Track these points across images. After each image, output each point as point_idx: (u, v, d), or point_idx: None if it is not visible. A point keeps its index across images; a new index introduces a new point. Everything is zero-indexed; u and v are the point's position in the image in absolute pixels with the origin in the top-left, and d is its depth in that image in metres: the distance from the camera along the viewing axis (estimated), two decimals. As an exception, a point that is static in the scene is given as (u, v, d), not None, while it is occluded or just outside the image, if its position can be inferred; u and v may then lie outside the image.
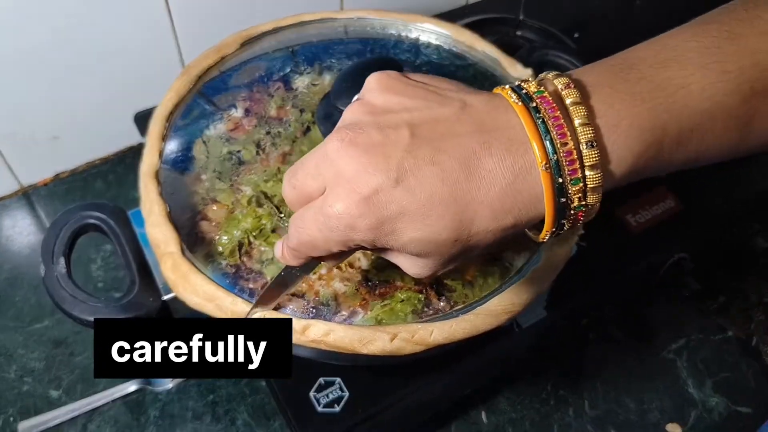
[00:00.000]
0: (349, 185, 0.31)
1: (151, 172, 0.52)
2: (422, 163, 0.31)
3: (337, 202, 0.31)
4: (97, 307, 0.47)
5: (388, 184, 0.31)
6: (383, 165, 0.31)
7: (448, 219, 0.31)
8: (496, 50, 0.62)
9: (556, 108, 0.31)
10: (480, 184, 0.31)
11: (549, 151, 0.31)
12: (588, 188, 0.31)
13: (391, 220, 0.31)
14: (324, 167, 0.33)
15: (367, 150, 0.31)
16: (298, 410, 0.51)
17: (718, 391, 0.67)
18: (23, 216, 0.77)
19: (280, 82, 0.59)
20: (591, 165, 0.31)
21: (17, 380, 0.63)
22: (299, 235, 0.35)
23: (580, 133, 0.31)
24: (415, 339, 0.44)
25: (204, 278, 0.46)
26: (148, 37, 0.74)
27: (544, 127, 0.31)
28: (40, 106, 0.74)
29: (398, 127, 0.32)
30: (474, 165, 0.31)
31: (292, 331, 0.44)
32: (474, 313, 0.46)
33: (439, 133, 0.31)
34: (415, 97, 0.33)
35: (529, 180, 0.31)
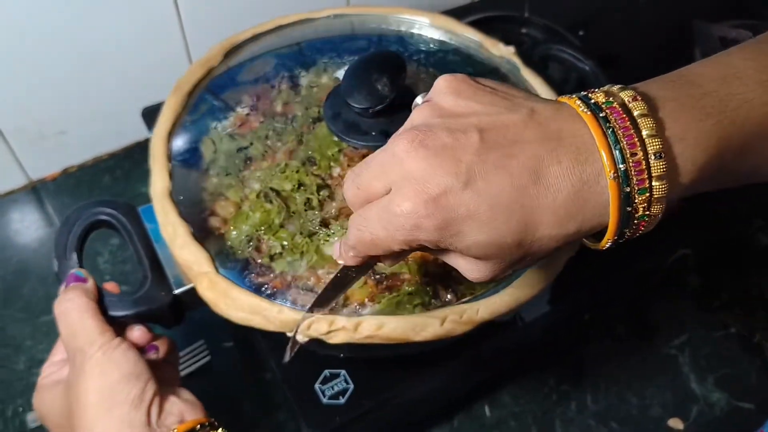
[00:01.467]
0: (417, 185, 0.31)
1: (165, 195, 0.52)
2: (491, 168, 0.31)
3: (405, 201, 0.32)
4: (110, 301, 0.48)
5: (457, 186, 0.31)
6: (453, 167, 0.31)
7: (514, 223, 0.32)
8: (476, 33, 0.63)
9: (626, 119, 0.32)
10: (547, 190, 0.31)
11: (618, 161, 0.31)
12: (653, 198, 0.32)
13: (458, 222, 0.32)
14: (391, 168, 0.33)
15: (436, 152, 0.31)
16: (304, 402, 0.52)
17: (720, 387, 0.67)
18: (31, 210, 0.78)
19: (286, 77, 0.59)
20: (658, 176, 0.31)
21: (26, 371, 0.64)
22: (361, 234, 0.35)
23: (648, 144, 0.31)
24: (464, 319, 0.45)
25: (244, 292, 0.47)
26: (155, 32, 0.75)
27: (613, 137, 0.31)
28: (48, 102, 0.74)
29: (468, 130, 0.32)
30: (542, 171, 0.31)
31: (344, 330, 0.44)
32: (513, 286, 0.47)
33: (508, 139, 0.32)
34: (484, 102, 0.33)
35: (596, 189, 0.32)
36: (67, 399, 0.43)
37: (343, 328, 0.44)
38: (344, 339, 0.45)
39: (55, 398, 0.44)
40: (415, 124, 0.34)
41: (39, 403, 0.45)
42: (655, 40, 0.87)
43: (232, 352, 0.66)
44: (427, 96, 0.36)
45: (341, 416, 0.52)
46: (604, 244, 0.34)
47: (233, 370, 0.65)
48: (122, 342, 0.43)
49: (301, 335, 0.45)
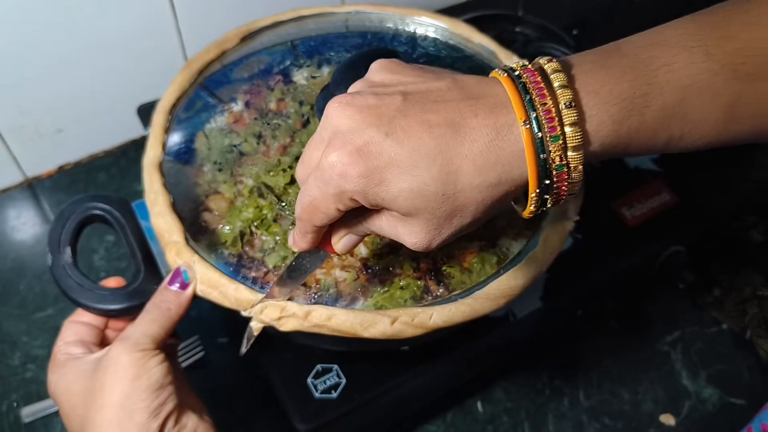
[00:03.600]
0: (343, 138, 0.34)
1: (155, 164, 0.53)
2: (412, 121, 0.33)
3: (332, 153, 0.34)
4: (103, 295, 0.48)
5: (379, 137, 0.33)
6: (375, 121, 0.33)
7: (435, 170, 0.33)
8: (492, 42, 0.63)
9: (536, 75, 0.33)
10: (464, 139, 0.33)
11: (528, 110, 0.33)
12: (568, 146, 0.33)
13: (381, 169, 0.33)
14: (324, 132, 0.35)
15: (361, 110, 0.34)
16: (296, 396, 0.52)
17: (712, 383, 0.68)
18: (27, 207, 0.78)
19: (279, 75, 0.60)
20: (570, 123, 0.32)
21: (21, 367, 0.64)
22: (301, 200, 0.37)
23: (559, 95, 0.33)
24: (416, 322, 0.45)
25: (208, 266, 0.48)
26: (151, 30, 0.75)
27: (524, 89, 0.33)
28: (44, 100, 0.75)
29: (393, 94, 0.35)
30: (459, 123, 0.33)
31: (294, 318, 0.45)
32: (473, 297, 0.47)
33: (430, 100, 0.34)
34: (411, 75, 0.36)
35: (510, 137, 0.33)
36: (91, 381, 0.42)
37: (293, 315, 0.45)
38: (294, 326, 0.45)
39: (77, 377, 0.44)
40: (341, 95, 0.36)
41: (57, 381, 0.44)
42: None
43: (227, 347, 0.66)
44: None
45: (334, 410, 0.53)
46: (531, 202, 0.35)
47: (227, 365, 0.65)
48: (161, 353, 0.44)
49: (255, 321, 0.46)
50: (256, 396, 0.63)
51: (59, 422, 0.61)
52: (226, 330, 0.67)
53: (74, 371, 0.44)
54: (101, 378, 0.42)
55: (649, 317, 0.72)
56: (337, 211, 0.36)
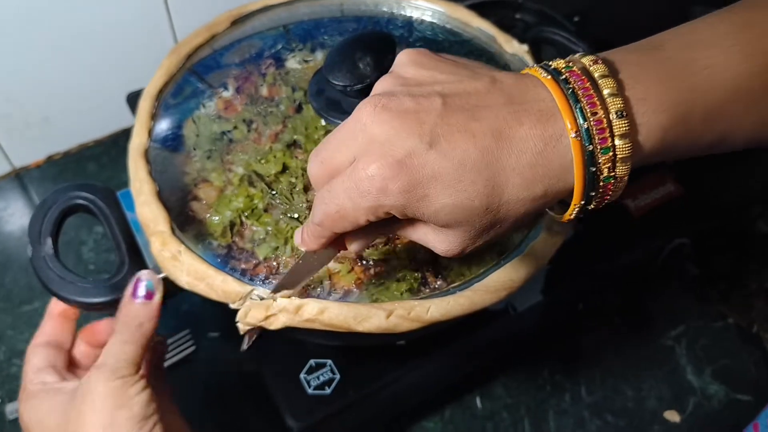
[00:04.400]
0: (382, 149, 0.31)
1: (140, 151, 0.51)
2: (455, 130, 0.31)
3: (370, 164, 0.31)
4: (85, 288, 0.46)
5: (422, 148, 0.31)
6: (417, 129, 0.31)
7: (481, 184, 0.31)
8: (492, 27, 0.61)
9: (585, 80, 0.32)
10: (511, 151, 0.31)
11: (579, 120, 0.31)
12: (617, 158, 0.32)
13: (424, 184, 0.31)
14: (354, 136, 0.33)
15: (400, 115, 0.31)
16: (288, 392, 0.51)
17: (718, 379, 0.66)
18: (15, 198, 0.76)
19: (271, 60, 0.58)
20: (621, 134, 0.31)
21: (5, 362, 0.63)
22: (326, 207, 0.34)
23: (609, 103, 0.31)
24: (412, 316, 0.43)
25: (194, 257, 0.46)
26: (142, 17, 0.73)
27: (573, 97, 0.31)
28: (31, 88, 0.73)
29: (431, 96, 0.32)
30: (505, 133, 0.31)
31: (284, 313, 0.43)
32: (472, 290, 0.45)
33: (470, 104, 0.32)
34: (446, 71, 0.34)
35: (559, 148, 0.31)
36: (68, 414, 0.40)
37: (284, 309, 0.43)
38: (284, 323, 0.43)
39: (53, 408, 0.41)
40: (377, 92, 0.34)
41: (29, 412, 0.42)
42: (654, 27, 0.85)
43: (218, 342, 0.65)
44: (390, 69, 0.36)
45: (327, 407, 0.51)
46: (571, 211, 0.34)
47: (219, 360, 0.64)
48: (142, 378, 0.41)
49: (241, 324, 0.44)
50: (247, 392, 0.62)
51: (45, 419, 0.60)
52: (217, 324, 0.66)
53: (49, 402, 0.41)
54: (79, 409, 0.39)
55: (652, 311, 0.71)
56: (367, 222, 0.34)
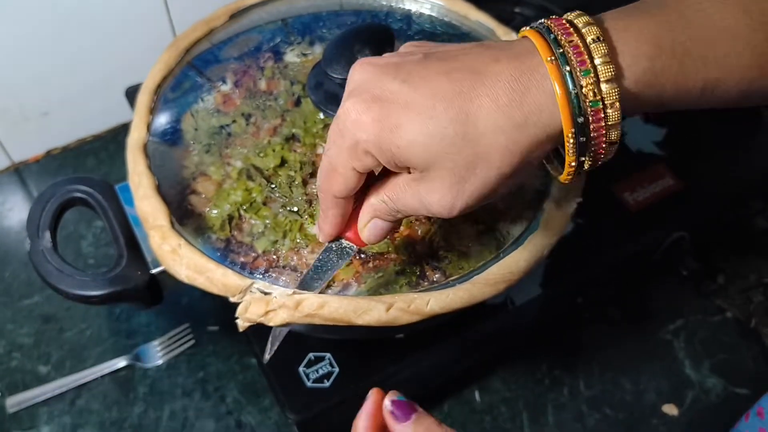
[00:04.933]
0: (359, 89, 0.33)
1: (139, 145, 0.51)
2: (431, 71, 0.32)
3: (347, 102, 0.33)
4: (83, 281, 0.47)
5: (395, 85, 0.32)
6: (393, 72, 0.33)
7: (453, 111, 0.31)
8: (491, 20, 0.61)
9: (563, 22, 0.32)
10: (485, 82, 0.31)
11: (553, 47, 0.31)
12: (600, 79, 0.31)
13: (395, 113, 0.32)
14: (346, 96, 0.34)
15: (382, 66, 0.34)
16: (287, 385, 0.51)
17: (716, 372, 0.66)
18: (14, 192, 0.76)
19: (270, 53, 0.58)
20: (600, 55, 0.31)
21: (6, 356, 0.63)
22: (321, 167, 0.36)
23: (585, 33, 0.31)
24: (412, 309, 0.43)
25: (194, 251, 0.46)
26: (140, 11, 0.73)
27: (547, 31, 0.32)
28: (30, 83, 0.73)
29: (416, 53, 0.34)
30: (480, 69, 0.32)
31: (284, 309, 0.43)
32: (471, 282, 0.45)
33: (451, 54, 0.33)
34: (444, 46, 0.35)
35: (536, 77, 0.31)
36: None
37: (283, 306, 0.43)
38: (284, 318, 0.43)
39: None
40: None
41: None
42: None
43: (217, 335, 0.65)
44: None
45: (326, 400, 0.51)
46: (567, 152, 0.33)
47: (218, 353, 0.64)
48: None
49: (240, 320, 0.43)
50: (247, 385, 0.62)
51: (45, 412, 0.60)
52: (217, 318, 0.65)
53: None
54: None
55: (651, 305, 0.71)
56: (354, 171, 0.34)
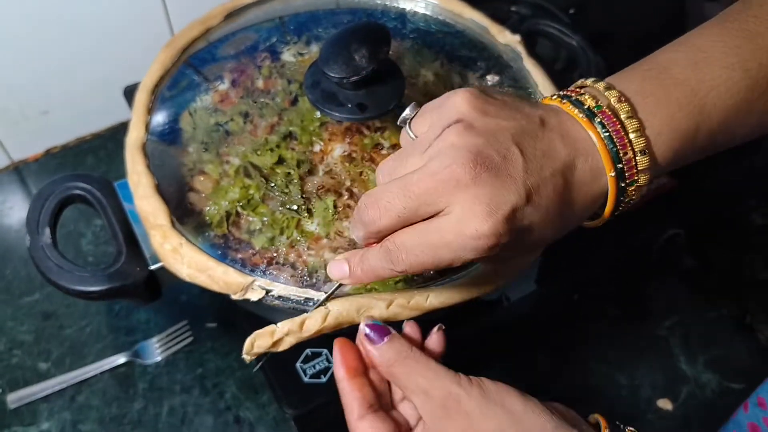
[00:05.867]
0: (488, 207, 0.34)
1: (138, 145, 0.52)
2: (538, 182, 0.35)
3: (482, 223, 0.34)
4: (83, 277, 0.47)
5: (521, 203, 0.35)
6: (513, 186, 0.34)
7: (558, 224, 0.37)
8: (484, 18, 0.62)
9: (616, 122, 0.37)
10: (573, 190, 0.37)
11: (615, 161, 0.37)
12: (638, 186, 0.38)
13: (522, 233, 0.35)
14: (451, 191, 0.34)
15: (497, 174, 0.34)
16: (285, 381, 0.51)
17: (711, 368, 0.67)
18: (14, 191, 0.77)
19: (267, 52, 0.58)
20: (642, 169, 0.37)
21: (6, 352, 0.63)
22: (416, 259, 0.35)
23: (635, 143, 0.37)
24: (411, 304, 0.44)
25: (195, 249, 0.46)
26: (138, 11, 0.74)
27: (610, 141, 0.37)
28: (30, 82, 0.73)
29: (509, 148, 0.35)
30: (568, 175, 0.37)
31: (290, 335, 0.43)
32: (469, 278, 0.46)
33: (539, 151, 0.36)
34: (506, 117, 0.37)
35: (599, 184, 0.38)
36: None
37: (288, 332, 0.43)
38: (293, 342, 0.43)
39: None
40: (458, 146, 0.35)
41: None
42: (648, 18, 0.86)
43: (215, 332, 0.65)
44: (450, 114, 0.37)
45: (323, 395, 0.52)
46: (599, 224, 0.41)
47: (216, 350, 0.64)
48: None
49: (248, 356, 0.43)
50: (245, 381, 0.62)
51: (45, 408, 0.60)
52: (215, 315, 0.66)
53: None
54: None
55: (647, 302, 0.71)
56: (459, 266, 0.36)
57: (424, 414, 0.37)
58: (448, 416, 0.36)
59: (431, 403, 0.36)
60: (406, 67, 0.57)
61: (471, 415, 0.36)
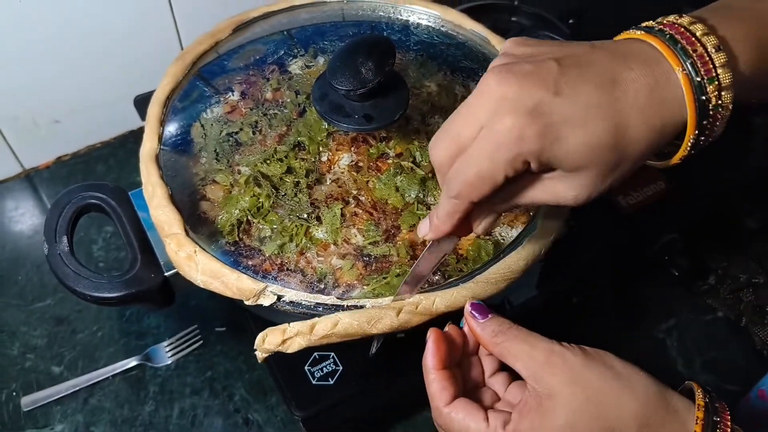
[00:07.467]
0: (513, 103, 0.34)
1: (152, 156, 0.53)
2: (574, 80, 0.35)
3: (506, 117, 0.34)
4: (100, 283, 0.49)
5: (549, 97, 0.34)
6: (541, 84, 0.34)
7: (607, 122, 0.34)
8: (484, 29, 0.63)
9: (679, 27, 0.36)
10: (627, 92, 0.35)
11: (682, 57, 0.35)
12: (722, 86, 0.35)
13: (556, 127, 0.34)
14: (481, 104, 0.35)
15: (524, 75, 0.35)
16: (293, 383, 0.52)
17: (707, 370, 0.68)
18: (25, 198, 0.78)
19: (275, 65, 0.60)
20: (721, 64, 0.35)
21: (20, 357, 0.65)
22: (464, 176, 0.36)
23: (705, 41, 0.35)
24: (420, 310, 0.46)
25: (208, 257, 0.48)
26: (148, 21, 0.75)
27: (673, 41, 0.35)
28: (41, 91, 0.75)
29: (545, 60, 0.35)
30: (617, 78, 0.35)
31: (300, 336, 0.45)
32: (474, 281, 0.47)
33: (582, 61, 0.35)
34: (549, 44, 0.38)
35: (669, 86, 0.35)
36: None
37: (298, 333, 0.45)
38: (301, 344, 0.45)
39: None
40: (493, 67, 0.36)
41: None
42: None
43: (224, 336, 0.67)
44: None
45: (331, 397, 0.53)
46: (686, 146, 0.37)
47: (225, 353, 0.66)
48: None
49: (259, 352, 0.45)
50: (253, 383, 0.64)
51: (58, 411, 0.62)
52: (224, 320, 0.67)
53: None
54: None
55: (644, 305, 0.72)
56: (505, 178, 0.36)
57: (529, 374, 0.40)
58: (552, 372, 0.39)
59: (535, 363, 0.39)
60: (410, 79, 0.59)
61: (575, 368, 0.38)
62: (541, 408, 0.38)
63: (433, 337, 0.42)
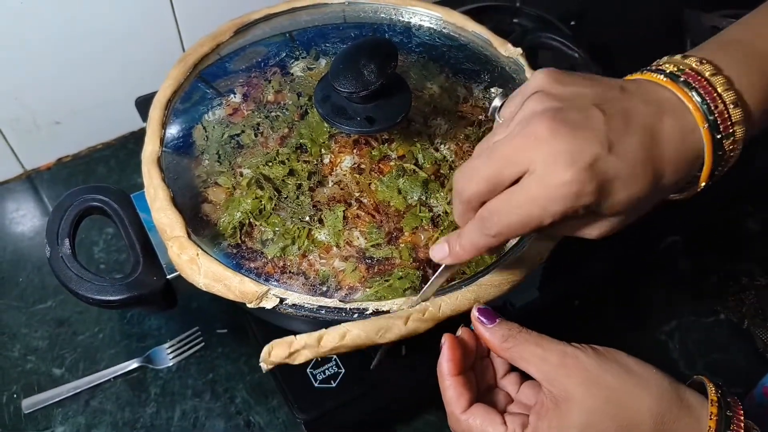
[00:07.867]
0: (570, 157, 0.35)
1: (153, 159, 0.53)
2: (621, 134, 0.36)
3: (563, 171, 0.35)
4: (102, 286, 0.48)
5: (603, 153, 0.35)
6: (594, 138, 0.35)
7: (649, 177, 0.36)
8: (487, 31, 0.63)
9: (701, 80, 0.38)
10: (662, 145, 0.37)
11: (706, 114, 0.37)
12: (736, 140, 0.38)
13: (608, 183, 0.36)
14: (531, 150, 0.36)
15: (575, 127, 0.35)
16: (296, 386, 0.53)
17: (710, 372, 0.68)
18: (26, 199, 0.78)
19: (276, 66, 0.60)
20: (737, 121, 0.38)
21: (21, 359, 0.65)
22: (506, 219, 0.37)
23: (725, 97, 0.38)
24: (427, 316, 0.46)
25: (211, 260, 0.48)
26: (149, 23, 0.75)
27: (698, 95, 0.37)
28: (42, 92, 0.75)
29: (589, 108, 0.37)
30: (654, 130, 0.37)
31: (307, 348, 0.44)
32: (477, 284, 0.47)
33: (620, 109, 0.37)
34: (585, 85, 0.38)
35: (693, 139, 0.38)
36: None
37: (305, 345, 0.44)
38: (309, 356, 0.45)
39: None
40: (538, 111, 0.37)
41: None
42: (647, 29, 0.87)
43: (226, 338, 0.67)
44: (530, 89, 0.39)
45: (333, 400, 0.53)
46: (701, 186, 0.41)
47: (227, 355, 0.66)
48: None
49: (264, 364, 0.45)
50: (255, 386, 0.64)
51: (59, 413, 0.62)
52: (225, 321, 0.67)
53: None
54: None
55: (646, 307, 0.72)
56: (551, 224, 0.37)
57: (543, 377, 0.40)
58: (568, 374, 0.39)
59: (549, 366, 0.40)
60: (412, 81, 0.59)
61: (590, 368, 0.39)
62: (558, 410, 0.39)
63: (448, 343, 0.42)
